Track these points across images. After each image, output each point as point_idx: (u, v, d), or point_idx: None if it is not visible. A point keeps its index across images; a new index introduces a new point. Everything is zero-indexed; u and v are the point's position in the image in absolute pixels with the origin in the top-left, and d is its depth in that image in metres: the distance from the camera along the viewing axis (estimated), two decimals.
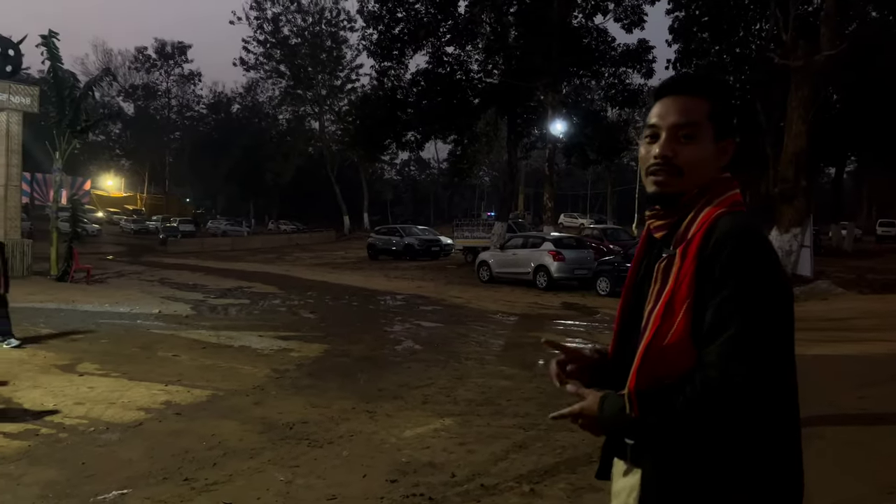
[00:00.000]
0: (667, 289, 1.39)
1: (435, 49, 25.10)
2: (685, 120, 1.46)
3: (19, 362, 7.89)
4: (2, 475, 4.44)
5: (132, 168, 68.07)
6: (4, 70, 16.07)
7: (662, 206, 1.51)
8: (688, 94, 1.49)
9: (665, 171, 1.48)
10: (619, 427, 1.42)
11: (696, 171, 1.47)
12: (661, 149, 1.48)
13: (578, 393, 1.49)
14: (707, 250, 1.37)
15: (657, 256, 1.50)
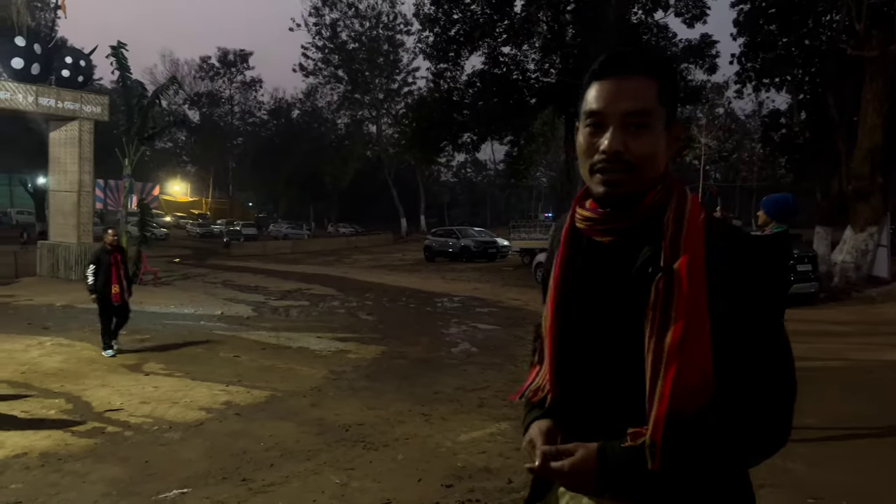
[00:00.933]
0: (679, 312, 1.16)
1: (491, 49, 24.98)
2: (638, 106, 1.22)
3: (89, 361, 8.17)
4: (69, 472, 4.56)
5: (198, 173, 70.20)
6: (76, 80, 16.75)
7: (614, 209, 1.26)
8: (636, 74, 1.23)
9: (616, 169, 1.22)
10: (628, 483, 1.17)
11: (650, 167, 1.23)
12: (611, 143, 1.22)
13: (560, 450, 1.21)
14: (721, 265, 1.18)
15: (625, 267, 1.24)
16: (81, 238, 17.01)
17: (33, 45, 15.87)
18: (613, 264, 1.26)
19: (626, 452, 1.17)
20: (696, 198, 1.25)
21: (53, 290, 14.98)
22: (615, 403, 1.23)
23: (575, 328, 1.29)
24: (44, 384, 7.01)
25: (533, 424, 1.34)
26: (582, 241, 1.33)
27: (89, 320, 11.15)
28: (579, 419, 1.27)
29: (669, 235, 1.20)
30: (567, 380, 1.31)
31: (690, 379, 1.15)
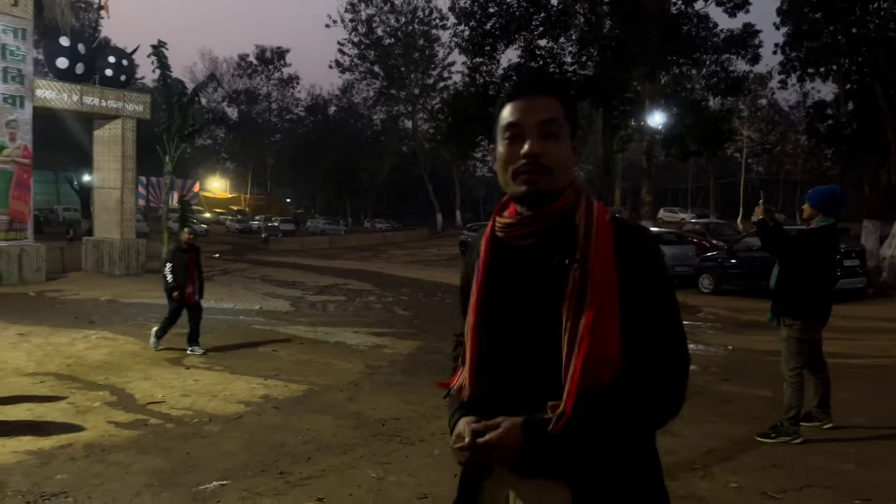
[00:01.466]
0: (592, 296, 1.32)
1: (527, 43, 24.79)
2: (550, 115, 1.42)
3: (132, 355, 8.34)
4: (112, 463, 4.66)
5: (236, 170, 71.23)
6: (119, 79, 17.12)
7: (531, 208, 1.44)
8: (544, 93, 1.45)
9: (535, 170, 1.41)
10: (551, 450, 1.29)
11: (562, 169, 1.43)
12: (531, 147, 1.40)
13: (487, 425, 1.34)
14: (627, 256, 1.36)
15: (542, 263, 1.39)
16: (125, 234, 17.40)
17: (77, 45, 16.26)
18: (532, 262, 1.42)
19: (545, 422, 1.30)
20: (601, 203, 1.45)
21: (98, 284, 15.36)
22: (534, 388, 1.36)
23: (496, 326, 1.44)
24: (89, 377, 7.18)
25: (459, 421, 1.43)
26: (501, 249, 1.48)
27: (132, 314, 11.44)
28: (500, 409, 1.37)
29: (582, 231, 1.38)
30: (487, 375, 1.45)
31: (601, 354, 1.31)
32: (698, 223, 25.37)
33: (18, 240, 15.06)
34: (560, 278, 1.36)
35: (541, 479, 1.35)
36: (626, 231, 1.41)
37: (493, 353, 1.44)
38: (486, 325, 1.46)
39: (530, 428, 1.30)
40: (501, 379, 1.42)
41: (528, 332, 1.39)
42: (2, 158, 14.64)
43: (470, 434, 1.34)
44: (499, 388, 1.42)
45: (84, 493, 4.13)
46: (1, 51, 14.48)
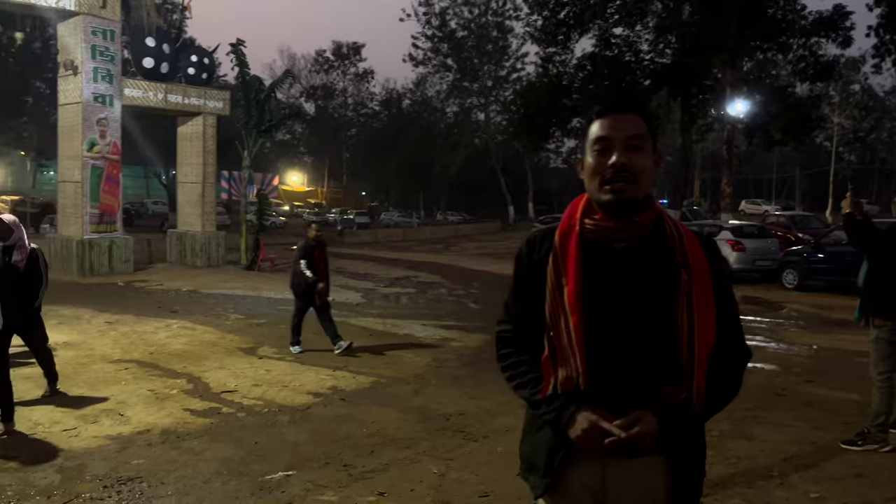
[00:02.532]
0: (699, 297, 1.59)
1: (602, 31, 24.26)
2: (636, 131, 1.62)
3: (210, 345, 8.63)
4: (186, 450, 4.82)
5: (314, 164, 72.84)
6: (201, 77, 17.74)
7: (616, 214, 1.61)
8: (629, 112, 1.65)
9: (623, 179, 1.58)
10: (678, 433, 1.57)
11: (646, 178, 1.62)
12: (619, 158, 1.59)
13: (629, 421, 1.53)
14: (713, 264, 1.65)
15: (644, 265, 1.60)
16: (205, 226, 18.06)
17: (162, 45, 16.93)
18: (631, 265, 1.61)
19: (678, 407, 1.57)
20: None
21: (181, 275, 15.99)
22: (643, 376, 1.59)
23: (603, 322, 1.60)
24: (169, 364, 7.47)
25: (579, 416, 1.58)
26: (592, 249, 1.63)
27: (210, 305, 11.85)
28: (609, 396, 1.58)
29: (678, 241, 1.63)
30: (598, 365, 1.60)
31: (710, 342, 1.60)
32: (783, 215, 24.26)
33: (109, 232, 15.84)
34: (667, 280, 1.59)
35: (639, 457, 1.57)
36: (706, 241, 1.70)
37: (601, 345, 1.59)
38: (592, 323, 1.59)
39: (664, 417, 1.54)
40: (611, 368, 1.59)
41: (636, 325, 1.59)
42: (93, 155, 15.42)
43: (616, 427, 1.53)
44: (610, 376, 1.59)
45: (158, 478, 4.28)
46: (91, 52, 15.24)
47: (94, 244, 15.40)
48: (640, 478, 1.61)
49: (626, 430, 1.51)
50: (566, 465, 1.64)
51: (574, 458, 1.62)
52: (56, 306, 11.02)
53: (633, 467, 1.59)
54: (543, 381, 1.66)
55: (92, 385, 6.54)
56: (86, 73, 15.20)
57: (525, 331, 1.75)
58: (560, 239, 1.65)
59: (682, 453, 1.61)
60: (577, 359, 1.60)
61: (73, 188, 15.59)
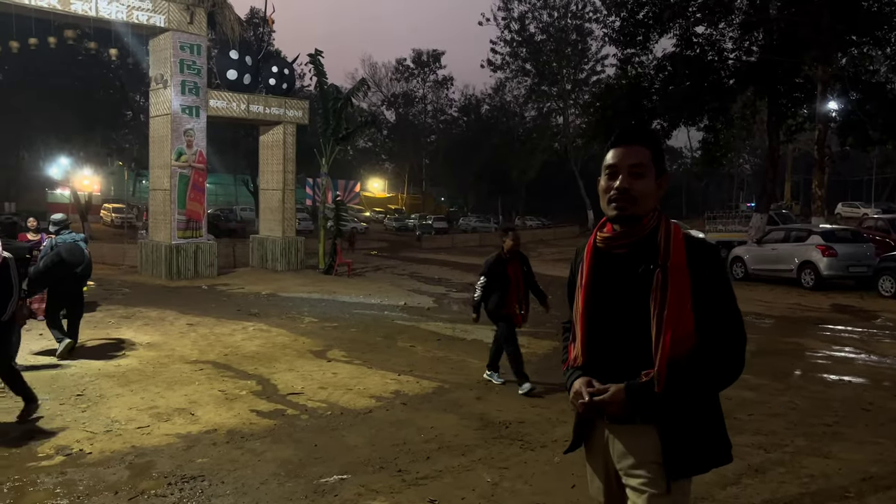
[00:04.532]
0: (672, 292, 1.89)
1: (683, 31, 23.48)
2: (637, 161, 1.97)
3: (282, 347, 8.85)
4: (248, 451, 4.94)
5: (394, 170, 74.00)
6: (281, 87, 18.30)
7: (622, 226, 2.00)
8: (636, 144, 2.00)
9: (624, 200, 1.96)
10: (646, 403, 1.89)
11: (645, 200, 1.97)
12: (621, 182, 1.97)
13: (599, 389, 1.94)
14: (696, 262, 1.94)
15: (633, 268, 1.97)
16: (286, 232, 18.60)
17: (245, 57, 17.57)
18: (625, 267, 2.00)
19: (643, 385, 1.89)
20: (677, 225, 2.01)
21: (261, 279, 16.52)
22: (628, 358, 1.95)
23: (599, 313, 2.03)
24: (241, 366, 7.70)
25: (574, 381, 2.03)
26: (601, 256, 2.06)
27: (287, 308, 12.16)
28: (603, 372, 1.99)
29: (662, 244, 1.95)
30: (594, 347, 2.04)
31: (680, 334, 1.88)
32: (881, 219, 22.78)
33: (194, 237, 16.55)
34: (647, 279, 1.93)
35: (634, 426, 1.94)
36: (694, 244, 1.99)
37: (597, 333, 2.02)
38: (591, 313, 2.03)
39: (631, 390, 1.89)
40: (603, 351, 2.01)
41: (623, 317, 1.96)
42: (180, 164, 16.16)
43: (588, 393, 1.94)
44: (601, 357, 2.01)
45: (218, 477, 4.41)
46: (179, 65, 15.98)
47: (181, 249, 16.12)
48: (634, 442, 1.96)
49: (592, 397, 1.93)
50: (591, 427, 2.08)
51: (593, 421, 2.06)
52: (143, 308, 11.63)
53: (628, 433, 1.97)
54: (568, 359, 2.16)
55: (169, 384, 6.82)
56: (174, 86, 15.95)
57: (569, 321, 2.24)
58: (585, 248, 2.11)
59: (673, 427, 1.90)
60: (579, 342, 2.07)
61: (162, 196, 16.38)
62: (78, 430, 5.36)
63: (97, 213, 41.67)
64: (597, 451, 2.08)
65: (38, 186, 40.64)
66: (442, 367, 7.73)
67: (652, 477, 1.92)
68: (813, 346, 9.12)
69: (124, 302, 12.38)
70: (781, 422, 5.58)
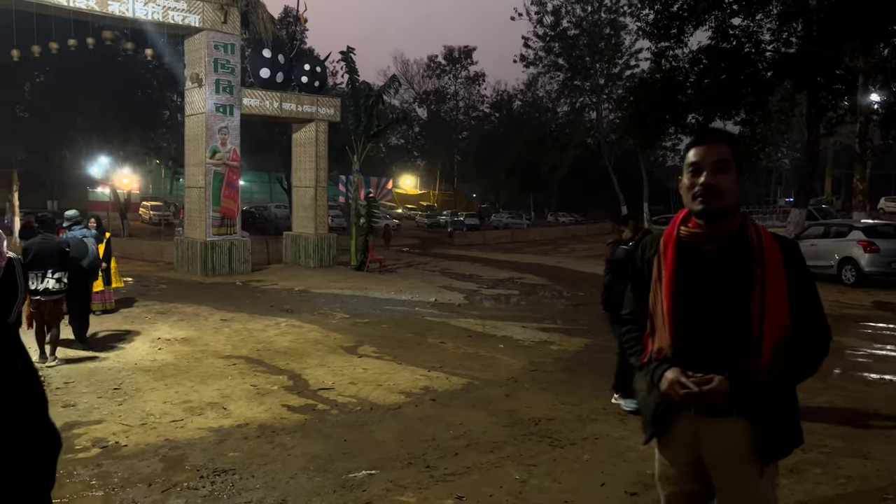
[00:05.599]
0: (771, 288, 2.00)
1: (718, 23, 23.01)
2: (720, 157, 2.07)
3: (314, 342, 8.92)
4: (278, 445, 4.98)
5: (426, 167, 74.06)
6: (313, 85, 18.44)
7: (709, 222, 2.08)
8: (717, 142, 2.10)
9: (709, 194, 2.05)
10: (745, 395, 1.98)
11: (729, 195, 2.06)
12: (706, 178, 2.06)
13: (703, 379, 1.99)
14: (788, 260, 2.05)
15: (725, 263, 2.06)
16: (318, 229, 18.75)
17: (278, 55, 17.74)
18: (715, 262, 2.07)
19: (747, 375, 1.98)
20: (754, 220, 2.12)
21: (294, 276, 16.68)
22: (721, 349, 2.02)
23: (687, 306, 2.08)
24: (273, 361, 7.79)
25: (667, 372, 2.07)
26: (685, 250, 2.12)
27: (319, 304, 12.26)
28: (693, 363, 2.04)
29: (756, 242, 2.06)
30: (682, 339, 2.08)
31: (781, 328, 1.99)
32: None
33: (229, 234, 16.78)
34: (743, 274, 2.02)
35: (724, 416, 2.02)
36: (784, 242, 2.11)
37: (686, 325, 2.07)
38: (679, 306, 2.08)
39: (735, 380, 1.97)
40: (693, 343, 2.06)
41: (715, 311, 2.04)
42: (214, 162, 16.39)
43: (693, 383, 1.99)
44: (691, 349, 2.06)
45: (249, 471, 4.46)
46: (213, 65, 16.20)
47: (216, 246, 16.36)
48: (725, 434, 2.04)
49: (700, 387, 1.97)
50: (669, 419, 2.13)
51: (675, 414, 2.10)
52: (179, 304, 11.84)
53: (719, 425, 2.04)
54: (644, 352, 2.20)
55: (202, 379, 6.92)
56: (209, 85, 16.18)
57: (638, 314, 2.26)
58: (663, 242, 2.16)
59: (764, 418, 2.01)
60: (667, 334, 2.10)
61: (197, 193, 16.64)
62: (114, 422, 5.47)
63: (136, 210, 42.55)
64: (678, 441, 2.14)
65: (80, 185, 41.58)
66: (472, 364, 7.71)
67: (745, 463, 2.03)
68: (853, 345, 8.89)
69: (161, 298, 12.61)
70: (819, 421, 5.45)
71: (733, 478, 2.07)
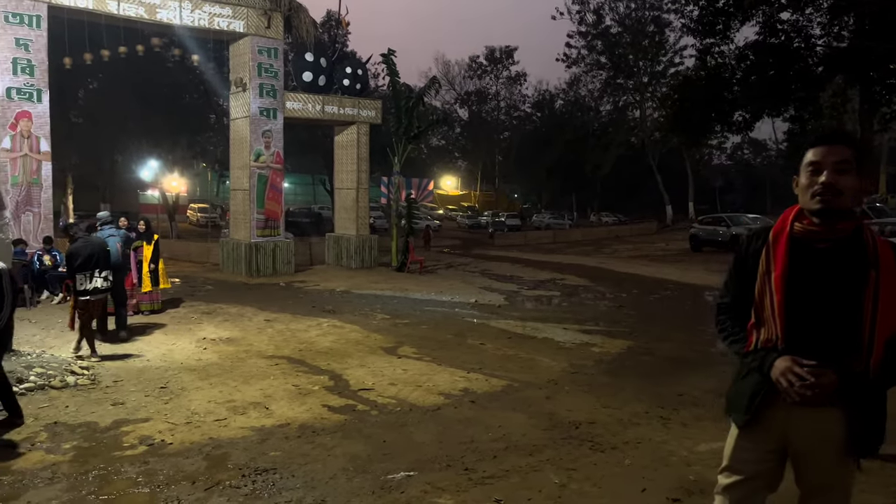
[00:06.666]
0: (884, 291, 2.06)
1: (766, 17, 22.51)
2: (841, 157, 2.10)
3: (355, 343, 8.99)
4: (319, 445, 5.03)
5: (467, 168, 74.08)
6: (354, 88, 18.60)
7: (826, 221, 2.13)
8: (838, 143, 2.13)
9: (830, 193, 2.09)
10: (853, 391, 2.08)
11: (850, 195, 2.09)
12: (826, 177, 2.10)
13: (815, 373, 2.07)
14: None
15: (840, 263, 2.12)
16: (360, 230, 18.90)
17: (320, 59, 17.95)
18: (830, 261, 2.13)
19: (858, 373, 2.07)
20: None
21: (336, 276, 16.85)
22: (831, 344, 2.09)
23: (800, 300, 2.14)
24: (315, 361, 7.87)
25: (779, 360, 2.14)
26: (798, 246, 2.17)
27: (360, 305, 12.35)
28: (803, 355, 2.10)
29: (871, 246, 2.11)
30: (793, 331, 2.15)
31: (890, 327, 2.06)
32: None
33: (272, 236, 17.04)
34: (858, 275, 2.08)
35: (822, 408, 2.10)
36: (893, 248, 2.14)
37: (797, 319, 2.14)
38: (791, 300, 2.14)
39: (843, 376, 2.06)
40: (804, 336, 2.12)
41: (827, 307, 2.10)
42: (258, 165, 16.66)
43: (809, 374, 2.07)
44: (802, 342, 2.12)
45: (289, 471, 4.51)
46: (257, 69, 16.48)
47: (260, 247, 16.63)
48: (819, 423, 2.12)
49: (813, 378, 2.06)
50: (762, 406, 2.21)
51: (769, 401, 2.19)
52: (224, 304, 12.07)
53: (814, 414, 2.12)
54: (747, 340, 2.27)
55: (245, 378, 7.04)
56: (252, 89, 16.46)
57: (739, 302, 2.31)
58: (773, 236, 2.21)
59: (859, 410, 2.09)
60: (777, 326, 2.17)
61: (242, 196, 16.94)
62: (160, 421, 5.60)
63: (184, 212, 43.57)
64: (768, 427, 2.22)
65: (131, 188, 42.76)
66: (511, 366, 7.67)
67: (837, 453, 2.13)
68: None
69: (206, 298, 12.87)
70: None
71: (822, 465, 2.17)
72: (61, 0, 13.49)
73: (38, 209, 13.42)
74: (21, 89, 13.13)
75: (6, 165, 13.01)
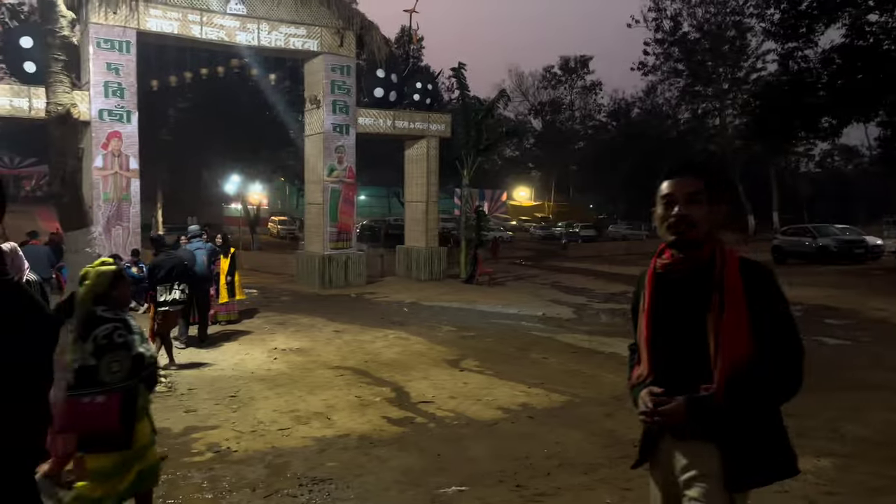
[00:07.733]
0: (728, 313, 2.04)
1: (853, 19, 21.46)
2: (693, 189, 2.14)
3: (418, 355, 9.10)
4: (375, 457, 5.14)
5: (541, 178, 73.66)
6: (425, 102, 18.87)
7: (681, 252, 2.16)
8: (689, 175, 2.18)
9: (683, 223, 2.13)
10: (703, 417, 2.01)
11: (702, 225, 2.12)
12: (680, 209, 2.13)
13: (662, 400, 2.06)
14: (751, 284, 2.07)
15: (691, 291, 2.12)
16: (429, 242, 19.10)
17: (391, 75, 18.30)
18: (684, 291, 2.15)
19: (703, 398, 2.03)
20: (733, 250, 2.15)
21: (406, 288, 17.08)
22: (690, 374, 2.07)
23: (661, 335, 2.18)
24: (378, 373, 8.02)
25: (641, 392, 2.16)
26: (661, 281, 2.21)
27: (427, 317, 12.48)
28: (667, 388, 2.09)
29: (718, 268, 2.10)
30: (658, 365, 2.17)
31: (738, 351, 2.02)
32: None
33: (345, 248, 17.45)
34: (703, 301, 2.08)
35: (695, 441, 2.06)
36: (750, 267, 2.13)
37: (660, 351, 2.17)
38: (654, 333, 2.19)
39: (691, 402, 2.03)
40: (667, 369, 2.14)
41: (684, 337, 2.12)
42: (332, 179, 17.12)
43: (653, 403, 2.08)
44: (666, 374, 2.13)
45: (345, 482, 4.62)
46: (331, 86, 16.97)
47: (333, 259, 17.05)
48: (695, 456, 2.08)
49: (656, 407, 2.07)
50: (655, 442, 2.22)
51: (660, 437, 2.18)
52: (296, 315, 12.44)
53: (689, 446, 2.10)
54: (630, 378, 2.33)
55: (311, 389, 7.25)
56: (326, 106, 16.95)
57: (635, 344, 2.37)
58: (647, 275, 2.26)
59: (733, 440, 2.02)
60: (644, 362, 2.22)
61: (316, 209, 17.44)
62: (228, 428, 5.84)
63: (265, 225, 45.10)
64: (659, 464, 2.22)
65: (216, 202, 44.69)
66: (574, 381, 7.59)
67: (711, 489, 2.04)
68: None
69: (281, 309, 13.29)
70: None
71: (700, 501, 2.08)
72: (149, 26, 14.32)
73: (128, 223, 14.21)
74: (112, 111, 13.97)
75: (98, 183, 13.86)
